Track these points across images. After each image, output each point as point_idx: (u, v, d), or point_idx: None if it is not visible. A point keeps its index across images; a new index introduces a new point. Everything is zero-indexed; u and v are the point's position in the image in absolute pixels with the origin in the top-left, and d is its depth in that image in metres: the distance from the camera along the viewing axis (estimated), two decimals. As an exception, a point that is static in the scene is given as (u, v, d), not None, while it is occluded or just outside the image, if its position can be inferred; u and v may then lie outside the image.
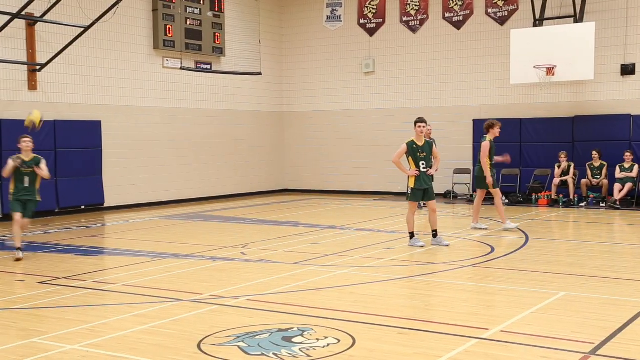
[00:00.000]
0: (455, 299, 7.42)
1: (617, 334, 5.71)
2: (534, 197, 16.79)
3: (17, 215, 9.83)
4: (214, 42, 18.73)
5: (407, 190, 10.55)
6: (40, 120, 10.48)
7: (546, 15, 16.98)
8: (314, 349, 5.37)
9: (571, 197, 16.31)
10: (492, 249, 10.16)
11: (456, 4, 18.92)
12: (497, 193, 12.21)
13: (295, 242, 11.11)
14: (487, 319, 6.35)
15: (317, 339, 5.63)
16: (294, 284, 7.85)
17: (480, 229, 12.20)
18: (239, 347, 5.46)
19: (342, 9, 20.74)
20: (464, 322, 6.22)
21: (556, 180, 16.56)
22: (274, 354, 5.27)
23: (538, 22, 16.97)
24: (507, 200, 16.97)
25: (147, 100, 17.47)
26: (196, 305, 6.93)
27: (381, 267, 8.96)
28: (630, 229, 13.30)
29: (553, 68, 15.94)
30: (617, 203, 15.63)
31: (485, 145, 12.04)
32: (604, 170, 16.39)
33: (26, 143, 9.96)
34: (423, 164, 10.37)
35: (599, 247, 10.79)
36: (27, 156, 9.94)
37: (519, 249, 10.30)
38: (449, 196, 18.25)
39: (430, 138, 16.82)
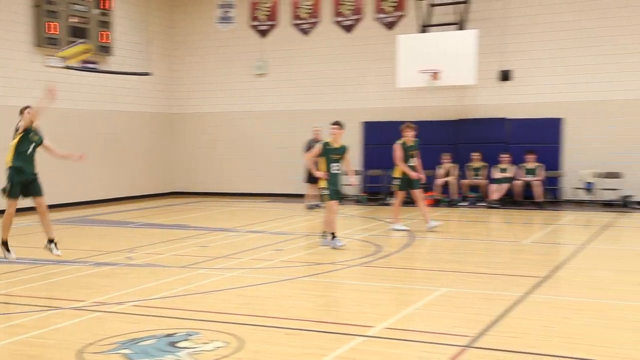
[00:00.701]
0: (343, 298, 7.55)
1: (491, 327, 5.99)
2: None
3: None
4: (101, 40, 18.13)
5: (323, 191, 10.54)
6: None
7: (432, 22, 17.58)
8: (201, 353, 5.30)
9: (453, 197, 16.98)
10: (380, 249, 10.40)
11: (346, 8, 19.25)
12: (399, 195, 12.44)
13: (183, 246, 10.93)
14: (372, 316, 6.49)
15: (204, 343, 5.56)
16: (182, 288, 7.72)
17: (400, 230, 12.27)
18: (123, 354, 5.31)
19: (235, 10, 20.62)
20: (351, 321, 6.33)
21: (440, 181, 17.18)
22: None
23: (424, 28, 17.55)
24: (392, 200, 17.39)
25: (27, 99, 16.53)
26: (78, 313, 6.68)
27: (271, 269, 8.97)
28: (506, 226, 13.99)
29: (438, 73, 16.51)
30: (495, 202, 16.43)
31: (395, 148, 12.25)
32: (484, 171, 17.17)
33: None
34: (336, 166, 10.45)
35: (479, 245, 11.27)
36: None
37: (404, 247, 10.59)
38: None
39: (319, 140, 17.06)
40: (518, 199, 16.67)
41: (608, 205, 16.13)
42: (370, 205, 17.41)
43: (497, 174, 16.90)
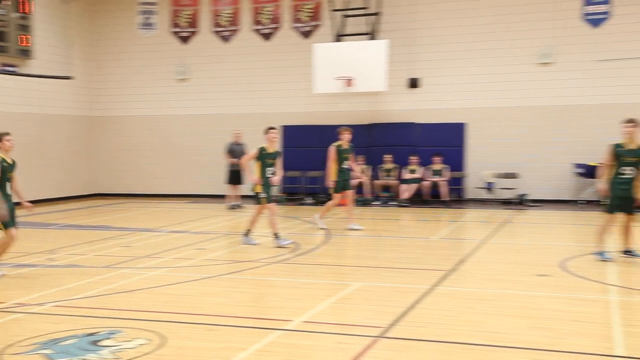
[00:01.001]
0: (262, 294, 7.54)
1: (402, 318, 6.13)
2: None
3: None
4: (21, 44, 17.38)
5: (259, 194, 10.37)
6: None
7: (346, 32, 17.79)
8: (123, 351, 5.18)
9: (367, 196, 17.26)
10: (298, 246, 10.43)
11: (265, 17, 19.23)
12: (336, 197, 12.40)
13: (106, 246, 10.64)
14: (290, 311, 6.51)
15: (127, 341, 5.44)
16: (104, 288, 7.52)
17: (356, 229, 12.16)
18: (44, 354, 5.12)
19: (156, 17, 20.22)
20: (270, 316, 6.34)
21: (354, 182, 17.37)
22: (81, 358, 5.01)
23: (338, 37, 17.74)
24: (312, 200, 17.55)
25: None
26: (-2, 314, 6.40)
27: (193, 267, 8.85)
28: (416, 224, 14.31)
29: (351, 80, 16.72)
30: (405, 201, 16.81)
31: (330, 150, 12.23)
32: (395, 172, 17.53)
33: None
34: (270, 170, 10.34)
35: (391, 241, 11.49)
36: None
37: (322, 245, 10.68)
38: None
39: (240, 143, 16.98)
40: (426, 198, 17.10)
41: (506, 203, 16.75)
42: (289, 205, 17.45)
43: (407, 175, 17.29)
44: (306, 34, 18.86)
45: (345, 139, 12.31)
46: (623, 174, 8.75)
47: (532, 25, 17.07)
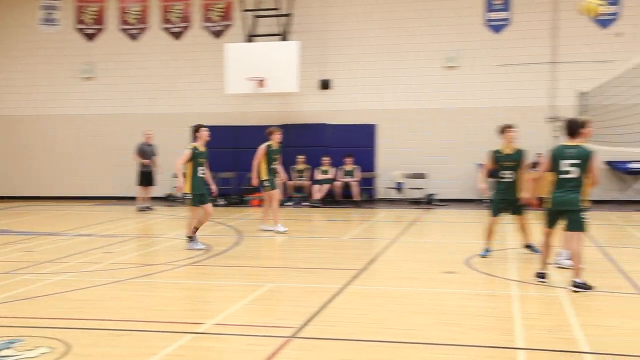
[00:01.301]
0: (173, 297, 7.41)
1: (314, 318, 6.19)
2: (247, 199, 17.46)
3: None
4: None
5: (187, 195, 10.10)
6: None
7: (257, 32, 17.75)
8: (25, 361, 4.97)
9: (280, 197, 17.24)
10: (210, 248, 10.32)
11: (174, 15, 18.90)
12: (273, 196, 12.23)
13: (5, 252, 10.15)
14: (202, 313, 6.45)
15: (28, 350, 5.21)
16: (5, 295, 7.17)
17: (280, 231, 12.01)
18: (-63, 367, 4.85)
19: (59, 13, 19.48)
20: (181, 319, 6.25)
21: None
22: (-22, 370, 4.78)
23: (250, 38, 17.68)
24: (224, 202, 17.42)
25: None
26: None
27: (100, 272, 8.58)
28: (328, 224, 14.46)
29: (263, 81, 16.71)
30: (318, 202, 16.96)
31: (259, 149, 12.06)
32: (307, 173, 17.64)
33: None
34: (202, 170, 10.11)
35: (303, 242, 11.55)
36: None
37: (233, 246, 10.60)
38: (169, 199, 18.11)
39: (150, 144, 16.62)
40: (338, 199, 17.32)
41: (415, 202, 17.21)
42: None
43: (319, 176, 17.45)
44: (217, 34, 18.69)
45: (275, 139, 12.26)
46: (503, 178, 9.29)
47: (439, 29, 17.62)
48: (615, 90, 12.44)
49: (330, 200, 17.35)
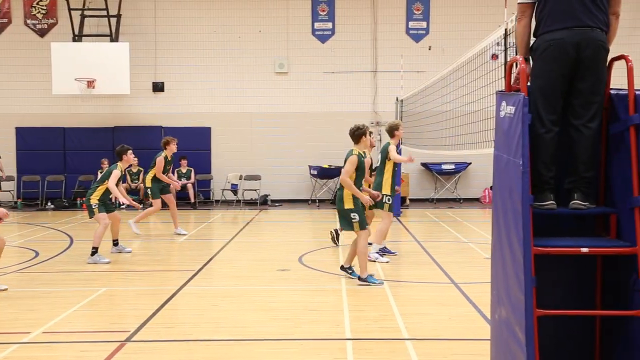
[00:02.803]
0: (-4, 307, 6.84)
1: (149, 320, 6.01)
2: (78, 202, 16.54)
3: None
4: None
5: (94, 204, 9.33)
6: None
7: (85, 32, 16.89)
8: None
9: (113, 200, 16.50)
10: (37, 254, 9.66)
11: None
12: (157, 203, 11.74)
13: None
14: (29, 322, 6.02)
15: None
16: None
17: (182, 234, 11.77)
18: None
19: None
20: (5, 329, 5.79)
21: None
22: None
23: (78, 37, 16.77)
24: (52, 205, 16.41)
25: None
26: None
27: None
28: (162, 226, 14.09)
29: (93, 82, 15.94)
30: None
31: (159, 161, 11.57)
32: (141, 176, 17.07)
33: None
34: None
35: (137, 244, 11.15)
36: None
37: (64, 251, 10.01)
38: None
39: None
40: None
41: (250, 203, 17.30)
42: (27, 211, 16.06)
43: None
44: (42, 32, 17.52)
45: (171, 149, 11.77)
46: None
47: (270, 36, 17.84)
48: (427, 98, 13.34)
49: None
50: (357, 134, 7.66)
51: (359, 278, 7.60)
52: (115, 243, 9.93)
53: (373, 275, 7.67)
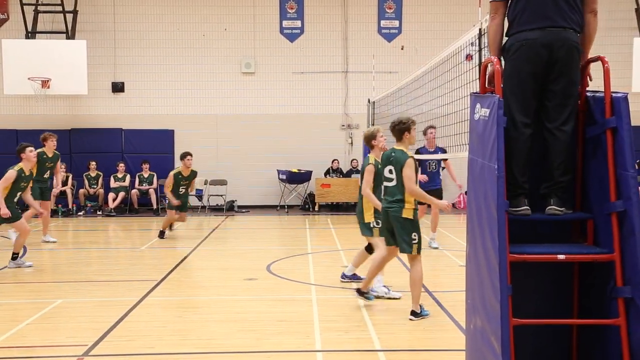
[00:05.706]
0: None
1: (109, 333, 5.94)
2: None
3: None
4: None
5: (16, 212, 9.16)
6: None
7: (38, 29, 16.65)
8: None
9: (70, 206, 16.33)
10: (-13, 265, 9.47)
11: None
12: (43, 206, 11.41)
13: None
14: (-21, 338, 5.89)
15: None
16: None
17: (51, 241, 11.57)
18: None
19: None
20: (-48, 346, 5.65)
21: (55, 191, 16.30)
22: None
23: (31, 34, 16.52)
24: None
25: None
26: None
27: None
28: (123, 234, 13.96)
29: (48, 81, 15.71)
30: (112, 211, 16.29)
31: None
32: (100, 180, 16.87)
33: None
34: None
35: (96, 253, 11.04)
36: None
37: (21, 258, 9.80)
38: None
39: None
40: (135, 207, 16.77)
41: (216, 209, 17.20)
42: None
43: (113, 183, 16.75)
44: (-7, 28, 17.21)
45: (49, 146, 11.54)
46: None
47: (236, 34, 17.80)
48: (400, 99, 13.42)
49: (126, 208, 16.74)
50: (399, 129, 6.44)
51: (413, 312, 6.36)
52: (14, 257, 9.39)
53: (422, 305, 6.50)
